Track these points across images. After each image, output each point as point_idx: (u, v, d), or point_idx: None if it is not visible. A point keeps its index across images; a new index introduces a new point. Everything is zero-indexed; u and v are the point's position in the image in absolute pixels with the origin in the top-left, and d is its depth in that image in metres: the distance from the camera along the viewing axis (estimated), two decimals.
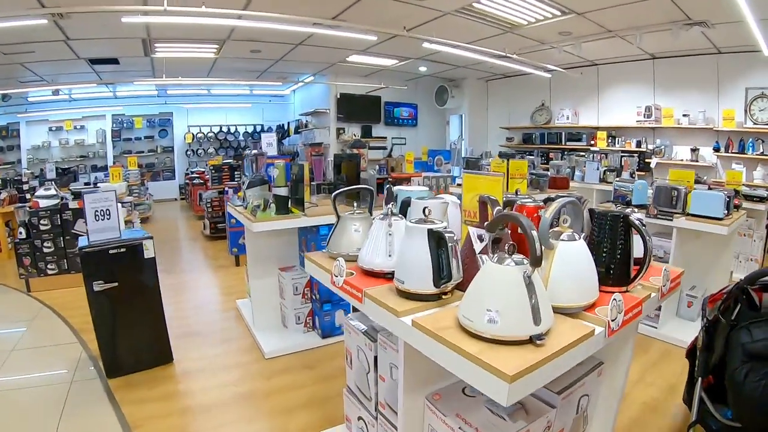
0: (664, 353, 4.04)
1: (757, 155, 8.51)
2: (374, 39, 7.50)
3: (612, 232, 1.70)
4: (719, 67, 8.95)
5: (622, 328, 1.57)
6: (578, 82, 10.75)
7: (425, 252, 1.57)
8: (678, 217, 4.19)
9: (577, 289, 1.52)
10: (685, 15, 6.71)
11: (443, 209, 1.94)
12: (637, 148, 9.84)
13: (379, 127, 12.77)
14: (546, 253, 1.50)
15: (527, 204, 1.80)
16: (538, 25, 7.38)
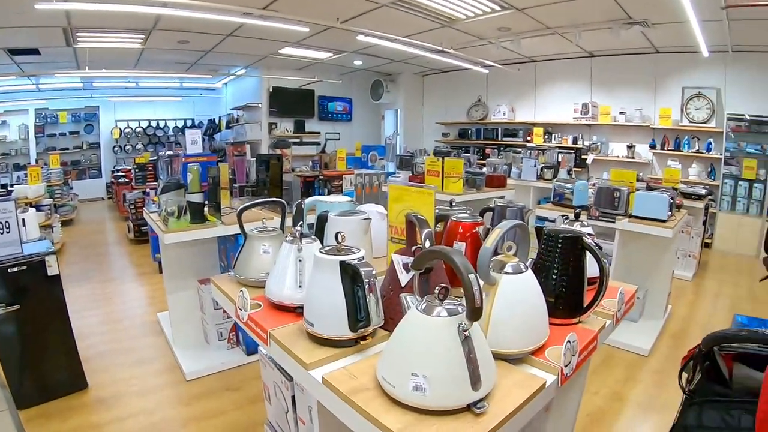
0: (606, 358, 3.92)
1: (692, 153, 8.69)
2: (307, 31, 7.18)
3: (563, 256, 1.46)
4: (657, 66, 9.11)
5: None
6: (515, 78, 10.72)
7: (338, 289, 1.26)
8: (621, 219, 4.08)
9: (523, 331, 1.26)
10: (626, 14, 6.70)
11: (364, 228, 1.65)
12: (573, 145, 9.88)
13: (312, 121, 12.39)
14: (486, 288, 1.24)
15: (463, 220, 1.54)
16: (477, 20, 7.21)
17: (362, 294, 1.26)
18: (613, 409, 3.24)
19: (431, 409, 1.01)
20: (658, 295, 4.58)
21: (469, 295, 0.95)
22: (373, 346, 1.36)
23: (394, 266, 1.37)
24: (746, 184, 8.25)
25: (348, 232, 1.60)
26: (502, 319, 1.23)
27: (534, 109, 10.84)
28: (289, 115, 11.90)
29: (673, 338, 4.39)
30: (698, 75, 8.58)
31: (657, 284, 4.57)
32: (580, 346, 1.34)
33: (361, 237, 1.65)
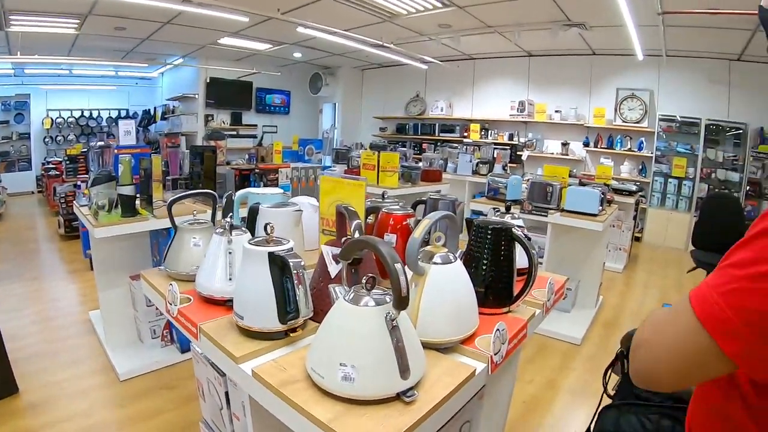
0: (540, 347, 4.01)
1: (624, 151, 9.03)
2: (246, 21, 7.03)
3: (493, 247, 1.48)
4: (593, 67, 9.44)
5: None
6: (454, 74, 10.84)
7: (266, 281, 1.24)
8: (553, 213, 4.18)
9: (453, 320, 1.27)
10: (565, 16, 6.89)
11: (295, 220, 1.63)
12: (509, 141, 10.10)
13: (250, 114, 12.17)
14: (415, 278, 1.24)
15: (394, 212, 1.54)
16: (418, 16, 7.26)
17: (291, 285, 1.24)
18: (547, 397, 3.32)
19: (361, 398, 1.01)
20: (589, 286, 4.73)
21: (395, 285, 0.95)
22: (304, 338, 1.34)
23: (324, 257, 1.36)
24: (676, 181, 8.66)
25: (279, 224, 1.58)
26: (431, 308, 1.24)
27: (471, 106, 11.01)
28: (226, 107, 11.65)
29: (604, 327, 4.54)
30: (632, 77, 8.93)
31: (588, 276, 4.72)
32: (509, 334, 1.35)
33: (292, 229, 1.63)
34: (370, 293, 1.02)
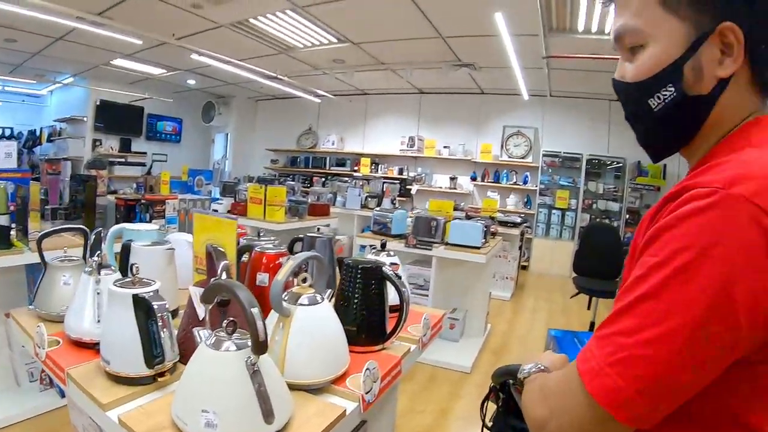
0: (430, 377, 4.06)
1: (510, 185, 9.52)
2: (140, 43, 6.84)
3: (363, 285, 1.50)
4: (481, 105, 9.96)
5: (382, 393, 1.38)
6: (346, 108, 11.01)
7: (132, 324, 1.20)
8: (437, 247, 4.27)
9: (321, 361, 1.27)
10: (456, 57, 7.22)
11: (168, 258, 1.59)
12: (399, 176, 10.30)
13: (139, 141, 11.56)
14: (282, 320, 1.25)
15: (267, 251, 1.54)
16: (314, 50, 7.38)
17: (156, 329, 1.21)
18: (439, 426, 3.36)
19: None
20: (477, 315, 4.87)
21: (252, 330, 0.95)
22: (172, 383, 1.30)
23: (191, 299, 1.33)
24: (559, 212, 9.23)
25: (151, 263, 1.54)
26: (298, 349, 1.24)
27: (363, 140, 11.19)
28: (115, 132, 10.99)
29: (493, 354, 4.68)
30: (518, 115, 9.49)
31: (476, 305, 4.86)
32: (382, 372, 1.37)
33: (165, 268, 1.58)
34: (231, 337, 1.01)
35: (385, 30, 6.33)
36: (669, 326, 0.64)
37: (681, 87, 0.79)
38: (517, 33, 5.57)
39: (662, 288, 0.66)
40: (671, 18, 0.77)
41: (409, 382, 3.89)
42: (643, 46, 0.82)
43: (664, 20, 0.78)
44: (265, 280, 1.51)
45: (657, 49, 0.80)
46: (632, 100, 0.88)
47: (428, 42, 6.62)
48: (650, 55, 0.81)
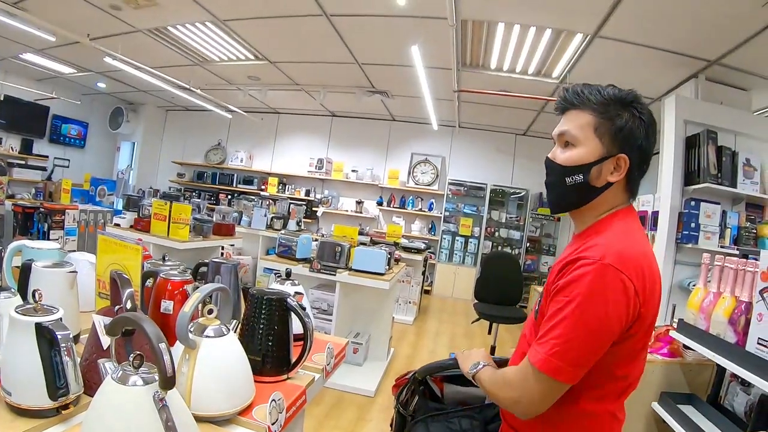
0: (336, 402, 4.07)
1: (416, 210, 9.74)
2: (53, 40, 6.47)
3: (268, 316, 1.52)
4: (391, 132, 10.18)
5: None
6: (257, 126, 10.91)
7: (34, 354, 1.15)
8: (342, 272, 4.30)
9: (227, 393, 1.27)
10: (370, 83, 7.37)
11: (70, 282, 1.54)
12: (306, 197, 10.32)
13: (42, 142, 10.74)
14: (188, 351, 1.24)
15: (172, 278, 1.52)
16: (230, 64, 7.30)
17: (60, 359, 1.17)
18: None
19: None
20: (380, 339, 4.93)
21: (159, 366, 0.95)
22: (77, 415, 1.25)
23: (95, 328, 1.30)
24: (462, 239, 9.56)
25: (53, 286, 1.48)
26: (204, 382, 1.23)
27: (272, 159, 11.10)
28: (17, 131, 10.14)
29: (396, 377, 4.74)
30: (427, 143, 9.77)
31: (379, 330, 4.92)
32: (287, 402, 1.39)
33: (67, 292, 1.52)
34: (138, 371, 1.00)
35: (304, 51, 6.37)
36: (579, 333, 1.18)
37: (586, 178, 1.32)
38: (431, 66, 5.76)
39: (573, 314, 1.18)
40: (596, 140, 1.31)
41: (316, 407, 3.89)
42: (575, 146, 1.33)
43: (592, 139, 1.31)
44: (169, 308, 1.49)
45: (581, 152, 1.32)
46: (556, 173, 1.37)
47: (344, 67, 6.72)
48: (577, 154, 1.33)
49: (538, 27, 4.73)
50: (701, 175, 4.34)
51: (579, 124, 1.33)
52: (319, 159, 10.23)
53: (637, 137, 1.31)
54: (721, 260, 2.27)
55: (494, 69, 6.04)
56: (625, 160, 1.30)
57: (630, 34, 4.59)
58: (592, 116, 1.32)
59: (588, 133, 1.31)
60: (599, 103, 1.33)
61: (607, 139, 1.30)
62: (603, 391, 1.30)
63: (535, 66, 5.73)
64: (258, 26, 5.64)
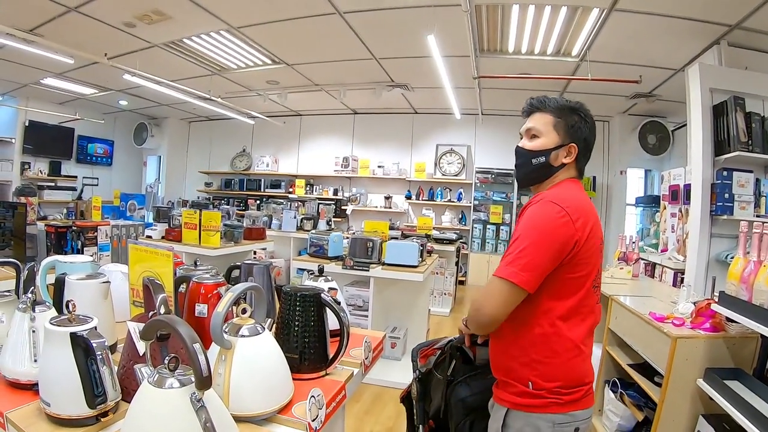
0: (376, 397, 4.05)
1: (444, 202, 9.65)
2: (71, 62, 6.61)
3: (303, 313, 1.51)
4: (414, 124, 10.13)
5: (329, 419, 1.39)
6: (280, 130, 10.96)
7: (71, 364, 1.16)
8: (375, 267, 4.29)
9: (265, 392, 1.27)
10: (389, 78, 7.34)
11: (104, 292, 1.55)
12: (334, 196, 10.33)
13: (70, 163, 11.03)
14: (223, 352, 1.24)
15: (205, 281, 1.52)
16: (248, 71, 7.34)
17: (96, 367, 1.18)
18: None
19: None
20: (417, 332, 4.88)
21: (195, 366, 0.95)
22: (116, 422, 1.25)
23: (131, 335, 1.30)
24: (493, 227, 9.45)
25: (86, 297, 1.49)
26: (241, 382, 1.23)
27: (297, 161, 11.17)
28: (44, 155, 10.41)
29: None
30: (451, 134, 9.67)
31: (416, 323, 4.89)
32: (326, 398, 1.38)
33: (100, 302, 1.53)
34: (174, 374, 0.99)
35: (319, 51, 6.37)
36: (527, 245, 1.50)
37: (547, 159, 1.71)
38: (449, 54, 5.69)
39: (523, 234, 1.54)
40: (554, 132, 1.71)
41: (356, 403, 3.88)
42: (538, 137, 1.73)
43: (552, 132, 1.71)
44: (204, 311, 1.49)
45: (544, 141, 1.72)
46: (525, 157, 1.77)
47: (362, 63, 6.70)
48: (541, 142, 1.72)
49: (553, 5, 4.64)
50: (731, 143, 4.21)
51: (543, 122, 1.74)
52: (344, 157, 10.26)
53: (583, 132, 1.73)
54: (760, 227, 2.19)
55: (512, 52, 5.96)
56: (574, 148, 1.71)
57: (647, 5, 4.48)
58: (552, 116, 1.73)
59: (549, 128, 1.73)
60: (556, 108, 1.74)
61: (562, 132, 1.71)
62: (561, 312, 1.57)
63: (554, 46, 5.63)
64: (272, 30, 5.65)
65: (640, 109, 7.97)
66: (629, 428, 3.18)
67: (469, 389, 1.97)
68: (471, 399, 1.95)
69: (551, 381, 1.56)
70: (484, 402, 1.85)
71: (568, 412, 1.56)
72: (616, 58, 5.70)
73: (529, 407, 1.57)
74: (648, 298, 3.47)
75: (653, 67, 5.86)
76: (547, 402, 1.55)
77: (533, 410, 1.56)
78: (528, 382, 1.57)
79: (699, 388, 2.47)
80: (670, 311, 2.82)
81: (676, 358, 2.50)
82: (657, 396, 2.66)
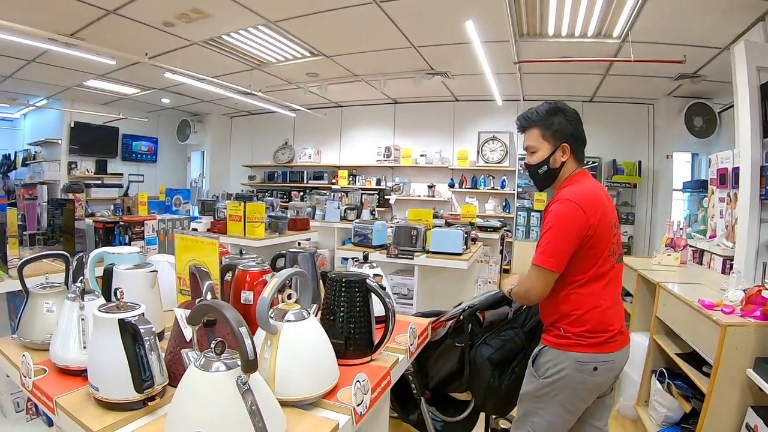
0: None
1: (488, 190, 9.54)
2: (113, 63, 6.77)
3: (348, 298, 1.52)
4: (455, 112, 10.01)
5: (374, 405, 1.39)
6: (322, 122, 10.98)
7: (119, 349, 1.18)
8: (419, 255, 4.27)
9: (311, 376, 1.27)
10: (428, 66, 7.27)
11: (151, 281, 1.57)
12: (377, 186, 10.32)
13: (115, 162, 11.41)
14: (269, 337, 1.25)
15: (251, 269, 1.53)
16: (287, 64, 7.37)
17: (144, 352, 1.20)
18: None
19: None
20: None
21: (241, 349, 0.95)
22: (163, 406, 1.28)
23: (178, 322, 1.32)
24: (538, 214, 9.26)
25: (134, 286, 1.53)
26: (287, 366, 1.24)
27: (339, 152, 11.18)
28: (90, 154, 10.85)
29: None
30: (493, 120, 9.52)
31: None
32: (372, 383, 1.38)
33: (148, 291, 1.57)
34: (220, 358, 1.00)
35: (357, 42, 6.35)
36: (555, 237, 1.89)
37: (548, 166, 2.03)
38: (488, 40, 5.61)
39: (551, 229, 1.90)
40: (545, 142, 2.02)
41: None
42: (535, 152, 2.05)
43: (542, 143, 2.03)
44: (249, 299, 1.51)
45: (540, 154, 2.03)
46: (531, 170, 2.11)
47: (401, 52, 6.64)
48: (538, 156, 2.04)
49: None
50: None
51: (534, 137, 2.06)
52: (386, 147, 10.23)
53: (568, 129, 2.02)
54: None
55: (552, 35, 5.81)
56: (566, 147, 2.02)
57: None
58: (538, 130, 2.05)
59: (539, 141, 2.04)
60: (539, 120, 2.05)
61: (551, 139, 2.02)
62: (582, 281, 1.95)
63: (595, 27, 5.47)
64: (309, 22, 5.65)
65: (685, 90, 7.67)
66: (676, 419, 3.11)
67: (491, 348, 2.37)
68: (495, 355, 2.36)
69: (577, 327, 1.94)
70: (504, 356, 2.31)
71: (589, 353, 1.93)
72: (659, 38, 5.51)
73: (558, 345, 1.98)
74: (697, 285, 3.37)
75: (697, 47, 5.63)
76: (572, 343, 1.95)
77: (561, 348, 1.97)
78: (561, 328, 1.98)
79: (748, 379, 2.39)
80: (720, 299, 2.72)
81: (726, 347, 2.42)
82: (705, 386, 2.59)
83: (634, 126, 8.82)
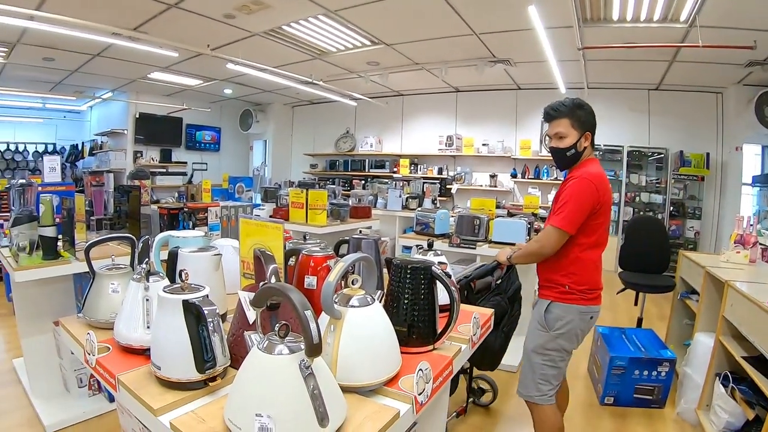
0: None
1: (551, 180, 9.32)
2: (176, 56, 6.98)
3: (413, 286, 1.49)
4: (518, 101, 9.81)
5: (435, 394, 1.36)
6: (383, 110, 11.00)
7: (182, 329, 1.20)
8: (481, 245, 4.22)
9: (373, 363, 1.26)
10: (490, 53, 7.18)
11: (215, 264, 1.59)
12: (438, 175, 10.24)
13: (179, 151, 11.82)
14: (333, 322, 1.24)
15: (315, 254, 1.53)
16: (348, 53, 7.39)
17: (207, 333, 1.20)
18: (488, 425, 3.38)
19: None
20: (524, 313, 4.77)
21: (305, 333, 0.94)
22: (224, 387, 1.30)
23: (241, 304, 1.33)
24: None
25: (198, 268, 1.54)
26: (350, 352, 1.23)
27: (401, 141, 11.18)
28: (155, 144, 11.30)
29: None
30: None
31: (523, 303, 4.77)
32: (434, 372, 1.35)
33: (212, 274, 1.59)
34: (284, 341, 0.99)
35: (418, 29, 6.30)
36: (573, 207, 2.28)
37: (575, 149, 2.39)
38: (551, 26, 5.48)
39: (570, 200, 2.29)
40: (573, 130, 2.37)
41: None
42: (564, 137, 2.38)
43: (571, 130, 2.37)
44: (313, 283, 1.50)
45: (570, 139, 2.38)
46: (560, 153, 2.41)
47: (462, 39, 6.56)
48: (568, 141, 2.38)
49: None
50: None
51: (564, 125, 2.37)
52: (448, 136, 10.13)
53: (590, 120, 2.40)
54: None
55: (617, 20, 5.61)
56: (588, 135, 2.39)
57: None
58: (567, 119, 2.37)
59: (569, 128, 2.37)
60: (568, 112, 2.37)
61: (578, 128, 2.36)
62: (585, 245, 2.36)
63: (661, 11, 5.23)
64: (369, 11, 5.64)
65: (756, 78, 7.27)
66: (738, 427, 2.94)
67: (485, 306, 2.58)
68: None
69: (581, 285, 2.37)
70: (494, 318, 2.32)
71: (588, 306, 2.41)
72: (728, 23, 5.23)
73: (565, 300, 2.39)
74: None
75: None
76: (577, 298, 2.37)
77: (567, 302, 2.39)
78: (566, 285, 2.37)
79: None
80: None
81: None
82: None
83: (702, 116, 8.42)
